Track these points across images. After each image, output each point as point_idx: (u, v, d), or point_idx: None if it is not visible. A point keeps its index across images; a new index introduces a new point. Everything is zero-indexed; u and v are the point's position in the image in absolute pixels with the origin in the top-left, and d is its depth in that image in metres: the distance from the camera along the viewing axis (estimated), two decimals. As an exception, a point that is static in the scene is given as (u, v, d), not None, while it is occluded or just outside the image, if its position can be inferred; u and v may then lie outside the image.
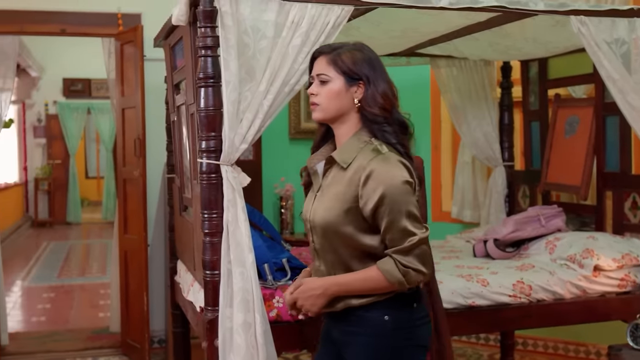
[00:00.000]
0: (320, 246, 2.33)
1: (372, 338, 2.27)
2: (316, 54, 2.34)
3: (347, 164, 2.26)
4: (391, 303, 2.26)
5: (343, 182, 2.25)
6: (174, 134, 4.06)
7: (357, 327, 2.28)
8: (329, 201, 2.27)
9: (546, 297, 3.65)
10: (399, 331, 2.26)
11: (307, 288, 2.30)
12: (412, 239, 2.17)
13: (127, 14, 5.21)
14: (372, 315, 2.26)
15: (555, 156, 4.68)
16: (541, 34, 3.93)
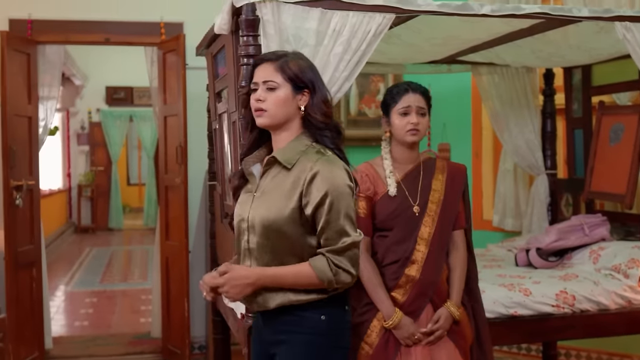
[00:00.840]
0: (257, 246, 2.34)
1: (312, 336, 2.33)
2: (259, 61, 2.39)
3: (292, 164, 2.32)
4: (327, 303, 2.33)
5: (287, 182, 2.31)
6: (216, 142, 4.09)
7: (295, 326, 2.34)
8: (272, 201, 2.32)
9: (590, 307, 3.60)
10: (334, 331, 2.35)
11: (238, 275, 2.31)
12: (346, 240, 2.26)
13: (170, 23, 5.28)
14: (309, 315, 2.32)
15: (599, 164, 4.61)
16: (585, 40, 3.88)
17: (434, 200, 3.00)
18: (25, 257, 5.07)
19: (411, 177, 3.02)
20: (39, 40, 5.15)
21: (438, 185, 3.02)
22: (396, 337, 2.89)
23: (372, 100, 5.70)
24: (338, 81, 2.92)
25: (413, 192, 2.99)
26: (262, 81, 2.34)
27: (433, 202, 3.00)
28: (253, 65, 2.41)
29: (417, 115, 2.93)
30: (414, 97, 2.95)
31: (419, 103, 2.95)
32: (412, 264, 2.93)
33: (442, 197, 3.01)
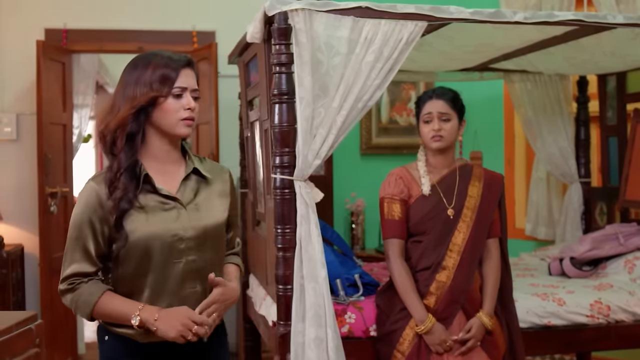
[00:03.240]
0: (205, 263, 2.18)
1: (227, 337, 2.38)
2: (184, 64, 2.18)
3: (211, 176, 2.28)
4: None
5: (215, 193, 2.27)
6: (248, 150, 4.11)
7: (222, 329, 2.34)
8: (211, 211, 2.23)
9: (625, 318, 3.54)
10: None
11: (234, 295, 2.23)
12: (239, 241, 2.45)
13: (202, 32, 5.32)
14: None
15: (634, 172, 4.54)
16: (620, 47, 3.83)
17: (469, 207, 2.99)
18: (60, 263, 5.08)
19: (447, 182, 3.02)
20: (73, 49, 5.23)
21: (474, 191, 3.02)
22: (427, 343, 2.87)
23: (403, 108, 5.69)
24: (370, 89, 2.92)
25: (449, 195, 2.99)
26: (191, 89, 2.21)
27: (469, 208, 2.99)
28: (179, 67, 2.17)
29: (439, 122, 2.96)
30: (436, 104, 2.97)
31: (440, 109, 2.96)
32: (443, 270, 2.93)
33: (478, 204, 3.00)
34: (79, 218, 2.11)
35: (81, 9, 5.25)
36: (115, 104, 2.14)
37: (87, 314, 2.13)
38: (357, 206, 5.44)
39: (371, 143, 5.65)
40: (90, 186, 2.12)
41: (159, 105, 2.12)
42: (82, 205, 2.12)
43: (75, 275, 2.12)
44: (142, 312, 2.08)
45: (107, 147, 2.13)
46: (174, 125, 2.14)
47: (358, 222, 5.44)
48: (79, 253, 2.12)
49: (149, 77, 2.11)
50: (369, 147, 5.65)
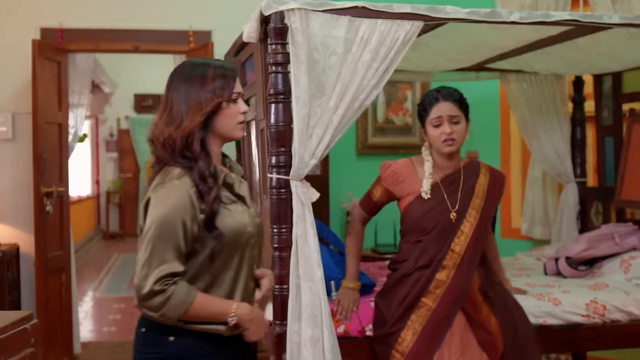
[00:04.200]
0: (258, 258, 2.35)
1: None
2: (238, 71, 2.32)
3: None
4: None
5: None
6: (244, 149, 4.10)
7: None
8: (256, 210, 2.38)
9: (621, 317, 3.55)
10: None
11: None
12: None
13: (198, 31, 5.32)
14: None
15: (630, 172, 4.55)
16: (615, 47, 3.84)
17: (474, 207, 2.99)
18: (55, 262, 5.13)
19: (450, 180, 3.01)
20: (69, 48, 5.22)
21: (480, 191, 3.01)
22: (338, 300, 3.08)
23: (399, 107, 5.69)
24: (366, 89, 2.92)
25: (452, 196, 2.98)
26: (241, 93, 2.31)
27: (474, 208, 2.99)
28: (235, 75, 2.29)
29: (450, 125, 2.94)
30: (445, 106, 2.94)
31: (450, 112, 2.94)
32: (443, 269, 2.93)
33: (483, 204, 2.99)
34: (169, 217, 2.11)
35: (77, 8, 5.24)
36: (175, 113, 2.19)
37: (179, 315, 2.12)
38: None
39: (367, 143, 5.65)
40: (181, 186, 2.14)
41: (221, 111, 2.22)
42: (173, 205, 2.12)
43: (168, 276, 2.10)
44: (237, 310, 2.17)
45: (177, 153, 2.18)
46: (233, 129, 2.26)
47: (354, 222, 5.43)
48: (171, 253, 2.11)
49: (210, 85, 2.20)
50: (365, 146, 5.65)
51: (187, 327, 2.16)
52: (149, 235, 2.11)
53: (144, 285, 2.09)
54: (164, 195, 2.14)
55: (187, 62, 2.31)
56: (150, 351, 2.20)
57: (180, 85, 2.22)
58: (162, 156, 2.20)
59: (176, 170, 2.18)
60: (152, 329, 2.20)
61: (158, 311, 2.10)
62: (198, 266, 2.17)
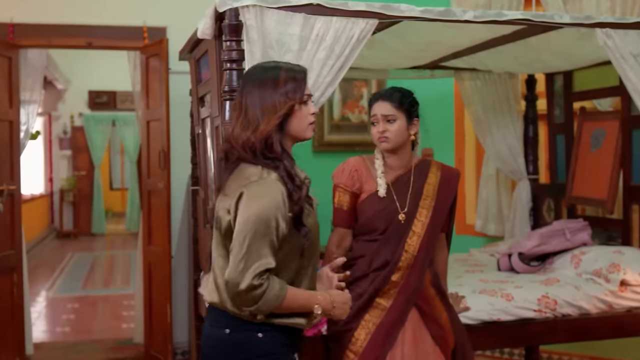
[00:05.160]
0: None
1: None
2: (306, 74, 2.37)
3: None
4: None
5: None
6: (199, 147, 4.08)
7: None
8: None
9: (572, 312, 3.62)
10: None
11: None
12: None
13: (153, 28, 5.27)
14: None
15: (580, 170, 4.64)
16: (566, 46, 3.91)
17: (424, 206, 3.00)
18: (6, 262, 5.03)
19: (401, 183, 3.02)
20: (20, 44, 5.12)
21: (430, 190, 3.02)
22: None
23: (355, 105, 5.71)
24: (321, 86, 2.93)
25: (402, 197, 2.99)
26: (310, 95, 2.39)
27: (424, 208, 3.00)
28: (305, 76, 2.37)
29: (383, 123, 2.95)
30: (380, 106, 2.97)
31: (384, 111, 2.96)
32: (398, 271, 2.94)
33: (434, 203, 3.01)
34: (266, 214, 2.17)
35: (28, 3, 5.15)
36: (251, 117, 2.26)
37: (273, 308, 2.19)
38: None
39: (323, 140, 5.66)
40: (275, 185, 2.21)
41: (293, 113, 2.29)
42: (268, 202, 2.18)
43: (265, 271, 2.16)
44: (320, 300, 2.28)
45: (259, 154, 2.25)
46: (305, 130, 2.35)
47: (310, 219, 5.43)
48: (267, 249, 2.17)
49: (283, 88, 2.27)
50: (321, 144, 5.66)
51: (274, 321, 2.24)
52: (245, 230, 2.16)
53: (242, 280, 2.14)
54: (259, 192, 2.20)
55: (257, 65, 2.40)
56: (238, 350, 2.26)
57: (253, 89, 2.28)
58: (244, 157, 2.26)
59: (262, 170, 2.24)
60: (238, 328, 2.26)
61: (253, 305, 2.16)
62: (282, 262, 2.23)
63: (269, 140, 2.25)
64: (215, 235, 2.33)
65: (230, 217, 2.23)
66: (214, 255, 2.33)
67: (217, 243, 2.32)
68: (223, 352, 2.27)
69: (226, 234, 2.26)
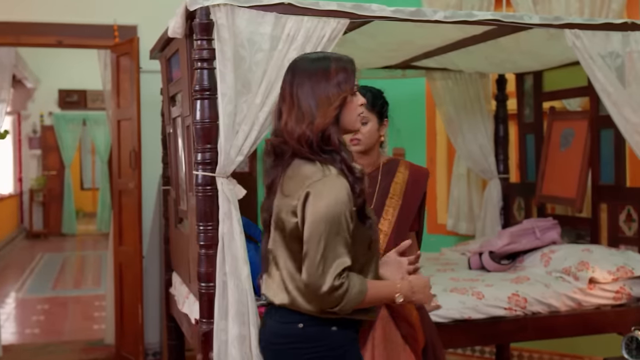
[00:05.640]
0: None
1: None
2: (354, 64, 2.33)
3: None
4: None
5: None
6: (170, 146, 4.05)
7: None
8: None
9: (541, 309, 3.65)
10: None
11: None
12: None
13: (123, 26, 5.22)
14: None
15: (550, 169, 4.69)
16: (536, 47, 3.95)
17: (391, 205, 3.01)
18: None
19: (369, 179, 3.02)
20: (-12, 42, 5.06)
21: (397, 189, 3.02)
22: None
23: (327, 104, 5.70)
24: (292, 86, 2.92)
25: (369, 196, 2.99)
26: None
27: (390, 206, 3.01)
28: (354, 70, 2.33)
29: None
30: None
31: None
32: None
33: (401, 202, 3.01)
34: (336, 211, 2.15)
35: (-4, 0, 5.09)
36: (305, 110, 2.20)
37: (356, 304, 2.19)
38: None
39: (296, 140, 5.65)
40: (340, 181, 2.19)
41: (346, 104, 2.25)
42: (336, 199, 2.16)
43: (344, 270, 2.15)
44: (400, 288, 2.30)
45: (316, 148, 2.21)
46: (354, 121, 2.31)
47: (283, 219, 5.43)
48: (343, 247, 2.15)
49: (335, 78, 2.22)
50: (294, 143, 5.64)
51: (349, 316, 2.23)
52: (318, 232, 2.13)
53: (323, 282, 2.13)
54: (326, 191, 2.17)
55: (304, 56, 2.34)
56: (312, 345, 2.25)
57: (304, 81, 2.23)
58: (299, 152, 2.22)
59: (321, 166, 2.21)
60: (312, 323, 2.24)
61: (337, 306, 2.16)
62: (353, 257, 2.20)
63: (326, 133, 2.20)
64: (276, 236, 2.29)
65: (297, 220, 2.20)
66: (279, 257, 2.29)
67: (279, 245, 2.28)
68: (296, 347, 2.27)
69: (291, 236, 2.22)
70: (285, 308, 2.27)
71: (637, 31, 3.52)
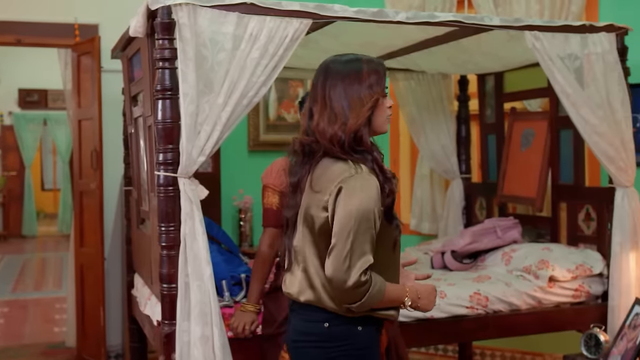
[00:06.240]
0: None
1: None
2: (384, 66, 2.37)
3: None
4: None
5: None
6: (132, 146, 4.02)
7: None
8: None
9: (502, 308, 3.69)
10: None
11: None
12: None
13: (84, 25, 5.16)
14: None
15: (511, 169, 4.74)
16: (497, 48, 3.99)
17: None
18: None
19: None
20: (-55, 40, 4.96)
21: None
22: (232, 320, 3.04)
23: (291, 105, 5.72)
24: (255, 86, 2.92)
25: None
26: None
27: None
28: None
29: None
30: None
31: None
32: None
33: None
34: (366, 208, 2.16)
35: (-47, -2, 4.99)
36: (338, 111, 2.24)
37: (375, 303, 2.21)
38: (245, 203, 5.42)
39: (259, 140, 5.65)
40: (371, 178, 2.21)
41: (377, 106, 2.28)
42: (367, 196, 2.17)
43: (369, 267, 2.17)
44: (408, 292, 2.32)
45: (348, 148, 2.23)
46: (384, 123, 2.33)
47: (246, 219, 5.42)
48: (368, 244, 2.17)
49: (367, 80, 2.26)
50: (257, 143, 5.64)
51: (374, 314, 2.27)
52: (348, 226, 2.15)
53: (348, 277, 2.14)
54: (358, 187, 2.18)
55: (335, 58, 2.34)
56: (337, 344, 2.26)
57: (337, 82, 2.26)
58: (331, 151, 2.25)
59: (353, 164, 2.23)
60: (338, 322, 2.26)
61: (358, 301, 2.17)
62: (376, 256, 2.22)
63: (359, 134, 2.24)
64: (305, 233, 2.30)
65: (327, 214, 2.22)
66: (307, 254, 2.30)
67: (307, 241, 2.29)
68: (322, 346, 2.28)
69: (321, 232, 2.24)
70: (311, 306, 2.28)
71: (595, 33, 3.58)
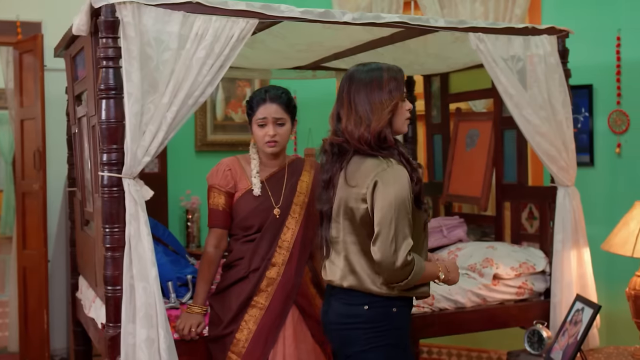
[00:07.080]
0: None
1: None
2: (403, 73, 2.64)
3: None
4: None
5: None
6: (75, 147, 3.96)
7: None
8: None
9: (448, 306, 3.74)
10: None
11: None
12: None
13: (27, 22, 5.06)
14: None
15: (456, 168, 4.80)
16: (442, 49, 4.03)
17: (298, 203, 3.03)
18: None
19: (275, 179, 3.04)
20: None
21: (303, 187, 3.06)
22: (179, 322, 3.01)
23: (238, 105, 5.70)
24: (201, 86, 2.90)
25: (276, 193, 3.02)
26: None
27: (297, 204, 3.03)
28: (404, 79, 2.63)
29: (274, 126, 2.97)
30: (271, 108, 2.97)
31: (276, 114, 2.97)
32: (273, 267, 2.96)
33: (307, 200, 3.04)
34: (402, 196, 2.45)
35: None
36: (362, 114, 2.52)
37: (417, 280, 2.50)
38: (193, 204, 5.38)
39: (206, 140, 5.62)
40: (402, 170, 2.49)
41: (397, 109, 2.57)
42: (402, 185, 2.46)
43: (411, 249, 2.45)
44: (441, 268, 2.62)
45: (375, 146, 2.52)
46: (403, 125, 2.61)
47: (193, 220, 5.38)
48: (408, 228, 2.45)
49: (387, 87, 2.54)
50: (204, 143, 5.61)
51: (408, 293, 2.55)
52: (389, 214, 2.42)
53: (396, 258, 2.41)
54: (393, 178, 2.46)
55: (359, 67, 2.61)
56: (376, 325, 2.52)
57: (360, 89, 2.54)
58: (360, 149, 2.54)
59: (383, 159, 2.50)
60: (376, 304, 2.53)
61: (405, 279, 2.45)
62: (412, 238, 2.49)
63: (382, 134, 2.51)
64: (345, 224, 2.56)
65: (366, 205, 2.49)
66: (348, 243, 2.55)
67: (348, 231, 2.56)
68: (362, 327, 2.52)
69: (362, 221, 2.51)
70: (352, 290, 2.54)
71: (537, 36, 3.65)
